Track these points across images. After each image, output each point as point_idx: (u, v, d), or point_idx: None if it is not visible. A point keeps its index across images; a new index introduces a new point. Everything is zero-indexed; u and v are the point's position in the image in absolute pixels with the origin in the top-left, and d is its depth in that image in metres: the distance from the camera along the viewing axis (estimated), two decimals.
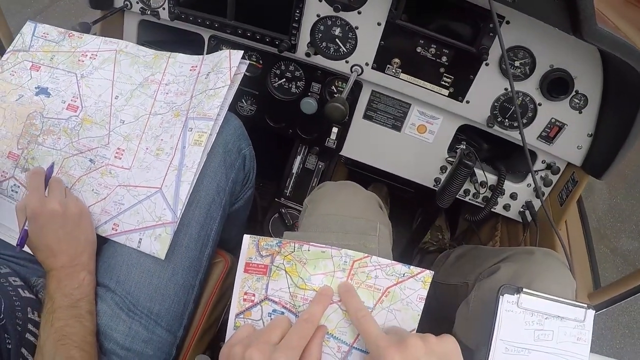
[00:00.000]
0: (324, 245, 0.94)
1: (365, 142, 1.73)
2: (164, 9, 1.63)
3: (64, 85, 1.31)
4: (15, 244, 1.13)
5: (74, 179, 1.23)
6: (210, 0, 1.57)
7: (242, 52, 1.26)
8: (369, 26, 1.44)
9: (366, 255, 0.92)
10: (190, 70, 1.31)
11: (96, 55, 1.35)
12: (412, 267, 0.91)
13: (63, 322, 0.98)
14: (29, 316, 1.01)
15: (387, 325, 0.89)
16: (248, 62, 1.28)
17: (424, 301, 0.90)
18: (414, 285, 0.90)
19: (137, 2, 1.66)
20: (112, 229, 1.16)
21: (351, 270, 0.92)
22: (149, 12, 1.64)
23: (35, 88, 1.31)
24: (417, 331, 0.92)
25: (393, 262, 0.92)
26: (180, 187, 1.14)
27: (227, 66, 1.24)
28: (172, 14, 1.60)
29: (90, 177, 1.23)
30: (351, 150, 1.77)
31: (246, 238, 0.97)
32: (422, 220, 2.10)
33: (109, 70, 1.33)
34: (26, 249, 1.12)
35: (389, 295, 0.90)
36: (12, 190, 1.24)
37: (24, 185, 1.23)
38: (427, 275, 0.90)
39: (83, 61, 1.34)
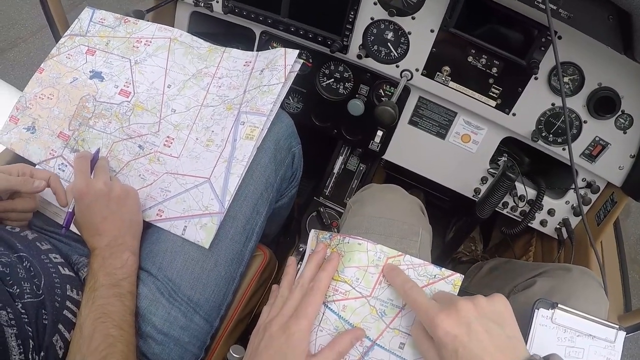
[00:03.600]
0: (361, 238, 0.96)
1: (408, 148, 1.73)
2: (217, 1, 1.64)
3: (117, 70, 1.34)
4: (61, 223, 1.18)
5: (122, 163, 1.25)
6: None
7: (298, 51, 1.27)
8: (421, 32, 1.45)
9: (400, 253, 0.94)
10: (244, 65, 1.33)
11: (150, 42, 1.37)
12: (443, 269, 0.92)
13: (104, 300, 0.99)
14: (67, 293, 1.02)
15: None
16: (302, 61, 1.29)
17: None
18: (444, 287, 0.91)
19: None
20: (157, 214, 1.17)
21: (384, 267, 0.94)
22: (202, 4, 1.66)
23: (90, 72, 1.34)
24: None
25: (425, 262, 0.93)
26: (229, 178, 1.16)
27: (282, 64, 1.25)
28: (226, 7, 1.61)
29: (138, 162, 1.25)
30: (394, 154, 1.77)
31: (312, 232, 1.04)
32: (458, 230, 2.09)
33: (162, 58, 1.35)
34: (72, 228, 1.15)
35: None
36: (59, 169, 1.27)
37: (71, 165, 1.26)
38: (457, 278, 0.91)
39: (137, 47, 1.36)
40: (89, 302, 0.99)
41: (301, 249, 1.83)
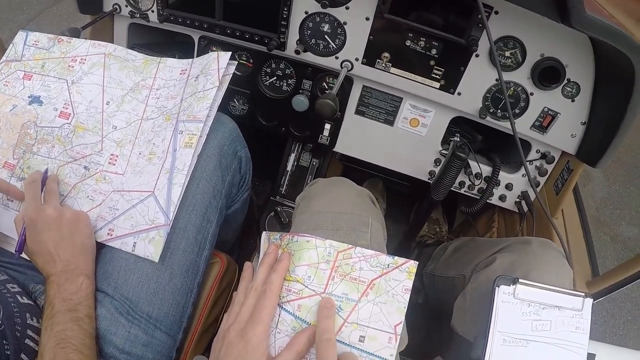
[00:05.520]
0: (309, 235, 0.96)
1: (358, 138, 1.73)
2: (152, 11, 1.63)
3: (55, 92, 1.32)
4: (13, 251, 1.16)
5: (69, 186, 1.24)
6: (198, 1, 1.57)
7: (230, 53, 1.26)
8: (357, 21, 1.45)
9: (350, 246, 0.94)
10: (180, 74, 1.32)
11: (85, 60, 1.35)
12: (396, 257, 0.92)
13: (62, 326, 0.99)
14: (28, 322, 1.03)
15: (372, 320, 0.90)
16: (236, 62, 1.29)
17: (409, 293, 0.90)
18: (398, 276, 0.91)
19: (126, 6, 1.67)
20: (108, 234, 1.17)
21: (335, 262, 0.94)
22: (138, 15, 1.65)
23: (28, 97, 1.32)
24: (411, 324, 0.93)
25: (377, 252, 0.93)
26: (172, 189, 1.15)
27: (216, 68, 1.25)
28: (161, 16, 1.60)
29: (85, 184, 1.24)
30: (344, 146, 1.78)
31: (264, 234, 1.06)
32: (418, 214, 2.10)
33: (98, 75, 1.33)
34: (24, 256, 1.14)
35: (374, 287, 0.91)
36: (7, 199, 1.25)
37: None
38: (412, 265, 0.91)
39: (73, 66, 1.35)
40: (47, 329, 0.99)
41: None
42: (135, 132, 1.27)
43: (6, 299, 1.03)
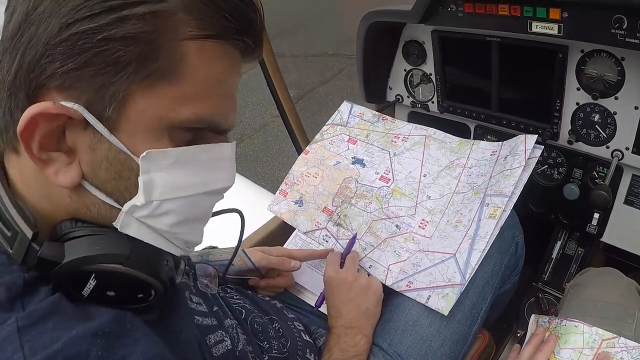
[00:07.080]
0: (578, 321, 1.07)
1: (625, 228, 1.66)
2: (432, 102, 1.84)
3: (378, 159, 1.56)
4: (303, 299, 1.44)
5: (379, 239, 1.43)
6: (475, 94, 1.74)
7: (536, 136, 1.36)
8: (626, 111, 1.45)
9: (614, 336, 1.03)
10: (491, 155, 1.47)
11: (407, 138, 1.58)
12: None
13: None
14: (306, 356, 1.19)
15: None
16: (542, 147, 1.37)
17: None
18: None
19: (408, 97, 1.90)
20: (407, 285, 1.30)
21: (599, 350, 1.02)
22: (419, 105, 1.88)
23: (352, 158, 1.58)
24: None
25: (639, 345, 1.00)
26: (472, 253, 1.26)
27: (523, 149, 1.35)
28: (441, 107, 1.81)
29: (394, 240, 1.41)
30: (612, 236, 1.70)
31: (532, 317, 1.19)
32: None
33: (418, 152, 1.55)
34: (320, 309, 1.38)
35: None
36: (323, 239, 1.49)
37: (334, 237, 1.48)
38: None
39: (395, 142, 1.59)
40: None
41: (518, 335, 1.88)
42: (446, 204, 1.44)
43: (293, 333, 1.21)
